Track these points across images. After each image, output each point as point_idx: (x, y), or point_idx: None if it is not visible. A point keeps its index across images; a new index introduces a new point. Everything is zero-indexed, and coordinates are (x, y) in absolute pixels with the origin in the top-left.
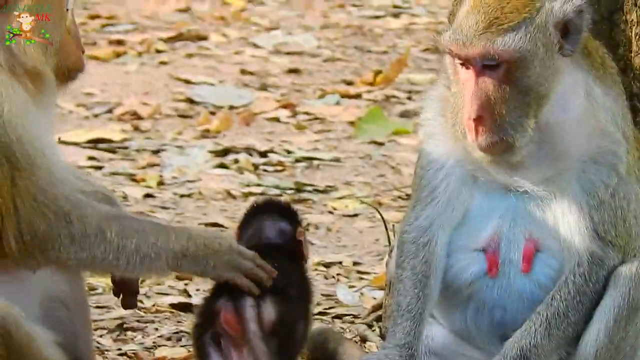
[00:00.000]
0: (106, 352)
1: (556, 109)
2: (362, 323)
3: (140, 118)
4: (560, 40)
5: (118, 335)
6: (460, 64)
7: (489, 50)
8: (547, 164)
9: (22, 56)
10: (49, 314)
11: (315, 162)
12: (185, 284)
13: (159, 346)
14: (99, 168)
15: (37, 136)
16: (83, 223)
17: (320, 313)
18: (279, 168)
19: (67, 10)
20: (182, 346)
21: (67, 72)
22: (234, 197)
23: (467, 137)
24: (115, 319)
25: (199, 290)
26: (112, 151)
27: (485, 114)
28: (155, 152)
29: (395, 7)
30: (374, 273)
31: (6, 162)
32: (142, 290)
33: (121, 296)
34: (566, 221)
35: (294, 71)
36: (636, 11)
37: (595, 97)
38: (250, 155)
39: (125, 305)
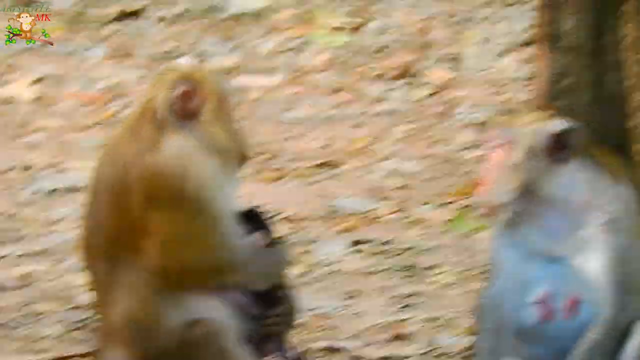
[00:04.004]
0: None
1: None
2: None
3: None
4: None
5: None
6: None
7: None
8: (574, 234)
9: (214, 141)
10: None
11: None
12: None
13: None
14: None
15: (223, 194)
16: (246, 267)
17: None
18: None
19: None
20: None
21: (242, 160)
22: None
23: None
24: None
25: None
26: None
27: None
28: None
29: None
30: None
31: (198, 213)
32: None
33: None
34: (595, 277)
35: None
36: None
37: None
38: None
39: None
